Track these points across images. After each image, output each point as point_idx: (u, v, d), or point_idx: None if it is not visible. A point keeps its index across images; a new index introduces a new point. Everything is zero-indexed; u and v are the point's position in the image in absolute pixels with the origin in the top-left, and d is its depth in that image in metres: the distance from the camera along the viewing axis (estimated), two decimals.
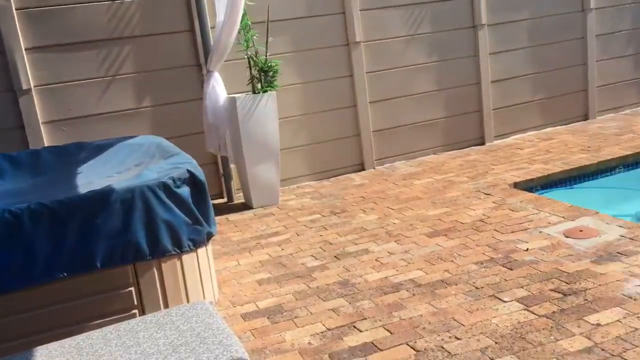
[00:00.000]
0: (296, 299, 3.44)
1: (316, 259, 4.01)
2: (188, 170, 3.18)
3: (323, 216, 4.90)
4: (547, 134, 6.75)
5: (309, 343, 2.94)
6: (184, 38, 5.39)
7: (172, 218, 3.05)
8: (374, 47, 6.08)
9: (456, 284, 3.37)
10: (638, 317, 2.78)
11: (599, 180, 5.40)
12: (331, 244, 4.25)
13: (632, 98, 7.44)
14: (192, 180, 3.19)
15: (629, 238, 3.68)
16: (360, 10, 5.93)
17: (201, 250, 3.28)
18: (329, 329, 3.05)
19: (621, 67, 7.31)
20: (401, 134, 6.32)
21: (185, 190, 3.13)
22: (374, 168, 6.22)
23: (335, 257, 4.01)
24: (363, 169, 6.19)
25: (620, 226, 3.89)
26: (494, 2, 6.45)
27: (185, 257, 3.16)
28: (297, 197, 5.57)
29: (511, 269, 3.46)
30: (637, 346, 2.55)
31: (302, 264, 3.96)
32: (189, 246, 3.14)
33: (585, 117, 7.17)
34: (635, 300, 2.94)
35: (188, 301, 3.16)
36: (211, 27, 5.36)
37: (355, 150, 6.16)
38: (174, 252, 3.08)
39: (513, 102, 6.76)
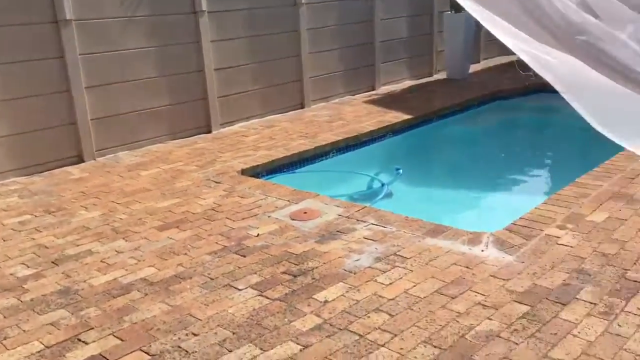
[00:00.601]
0: (4, 317, 2.93)
1: (28, 267, 3.48)
2: None
3: (35, 216, 4.29)
4: (268, 121, 7.04)
5: None
6: None
7: None
8: (88, 27, 5.54)
9: (191, 278, 3.26)
10: (358, 289, 3.03)
11: (317, 164, 5.83)
12: (47, 247, 3.74)
13: (339, 88, 8.22)
14: None
15: (346, 217, 4.02)
16: None
17: None
18: (47, 347, 2.65)
19: (329, 60, 8.01)
20: (124, 123, 5.91)
21: None
22: (95, 159, 5.70)
23: (52, 262, 3.53)
24: (82, 161, 5.62)
25: (337, 206, 4.23)
26: None
27: None
28: (1, 196, 4.79)
29: (244, 256, 3.48)
30: (359, 317, 2.77)
31: (11, 274, 3.40)
32: None
33: (301, 106, 7.68)
34: (355, 274, 3.21)
35: None
36: None
37: (71, 141, 5.56)
38: None
39: (237, 91, 6.87)
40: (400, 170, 5.75)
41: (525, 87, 8.09)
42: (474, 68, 9.86)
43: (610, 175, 4.50)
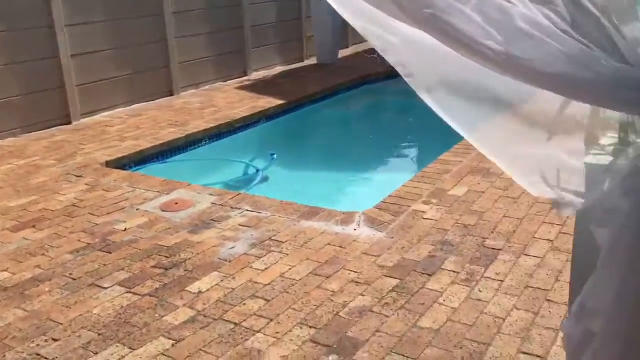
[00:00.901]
0: None
1: None
2: None
3: None
4: (135, 110, 6.70)
5: None
6: None
7: None
8: None
9: (50, 279, 3.01)
10: (233, 277, 2.97)
11: (189, 153, 5.64)
12: None
13: (209, 74, 8.00)
14: None
15: (220, 204, 3.92)
16: None
17: None
18: None
19: (198, 45, 7.76)
20: None
21: None
22: None
23: None
24: None
25: (211, 194, 4.12)
26: None
27: None
28: None
29: (110, 252, 3.28)
30: (235, 305, 2.71)
31: None
32: None
33: (170, 93, 7.38)
34: (229, 262, 3.13)
35: None
36: None
37: None
38: None
39: (98, 78, 6.45)
40: (275, 155, 5.72)
41: (391, 71, 8.38)
42: (342, 53, 10.05)
43: (469, 151, 4.78)
